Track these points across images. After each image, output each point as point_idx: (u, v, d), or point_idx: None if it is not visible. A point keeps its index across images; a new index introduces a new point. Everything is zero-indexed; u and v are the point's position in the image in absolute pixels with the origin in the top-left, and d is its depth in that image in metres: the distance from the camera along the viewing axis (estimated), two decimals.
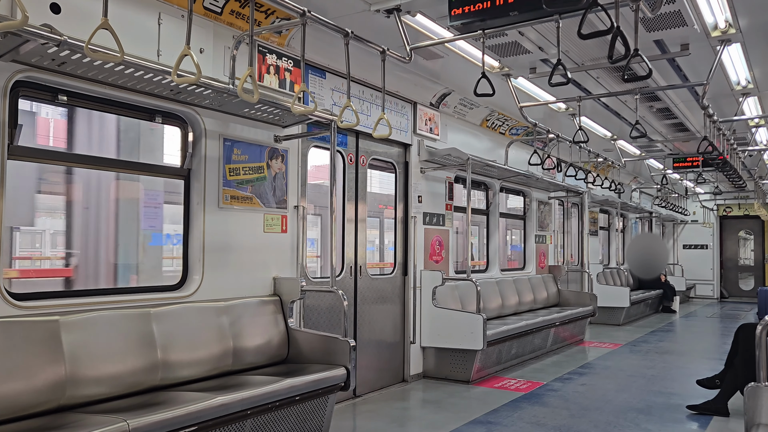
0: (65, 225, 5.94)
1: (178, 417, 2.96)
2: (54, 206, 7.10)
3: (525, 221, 9.10)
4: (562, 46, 5.03)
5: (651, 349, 8.30)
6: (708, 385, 5.37)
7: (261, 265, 4.48)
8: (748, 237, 17.11)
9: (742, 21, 4.72)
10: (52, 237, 8.29)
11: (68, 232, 5.75)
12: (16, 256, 6.72)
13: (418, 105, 6.26)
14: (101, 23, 2.64)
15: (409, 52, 4.43)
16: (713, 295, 16.55)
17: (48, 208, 7.28)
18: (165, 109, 3.92)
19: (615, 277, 12.03)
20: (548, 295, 8.89)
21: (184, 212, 4.13)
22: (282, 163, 4.68)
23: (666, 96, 7.13)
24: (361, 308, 5.59)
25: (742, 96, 6.64)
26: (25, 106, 3.87)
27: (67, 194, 5.47)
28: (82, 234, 5.37)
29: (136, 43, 3.54)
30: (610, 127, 8.55)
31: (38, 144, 5.21)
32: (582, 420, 4.79)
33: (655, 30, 4.90)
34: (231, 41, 4.11)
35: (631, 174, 12.68)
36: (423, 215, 6.36)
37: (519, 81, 6.15)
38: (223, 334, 3.98)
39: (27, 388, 2.94)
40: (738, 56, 5.49)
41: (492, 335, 6.08)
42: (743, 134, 8.93)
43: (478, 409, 5.09)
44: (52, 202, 6.83)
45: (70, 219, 5.52)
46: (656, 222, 15.38)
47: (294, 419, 3.78)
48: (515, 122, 7.94)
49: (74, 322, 3.22)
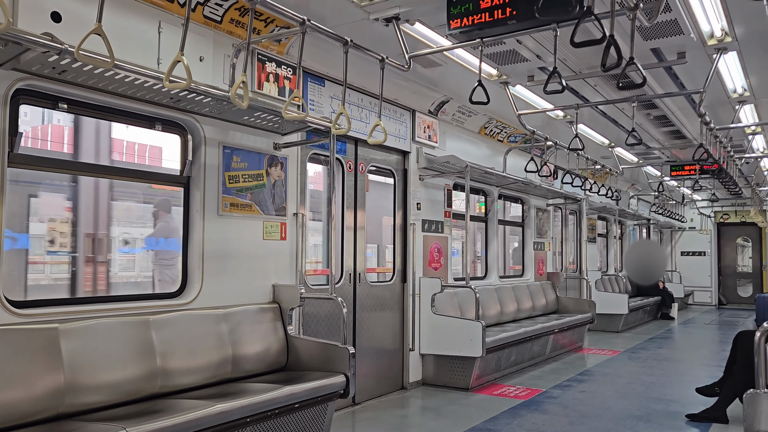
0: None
1: (177, 425, 2.96)
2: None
3: (523, 228, 9.12)
4: (560, 54, 5.07)
5: (650, 356, 8.30)
6: (707, 392, 5.37)
7: (260, 273, 4.49)
8: (746, 244, 17.14)
9: (738, 29, 4.76)
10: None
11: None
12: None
13: (416, 112, 6.29)
14: (94, 28, 2.64)
15: (408, 60, 4.45)
16: (711, 302, 16.55)
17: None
18: (165, 116, 3.94)
19: (613, 284, 12.03)
20: (547, 302, 8.90)
21: (183, 219, 4.14)
22: (281, 170, 4.69)
23: (663, 104, 7.17)
24: (360, 315, 5.59)
25: (739, 104, 6.68)
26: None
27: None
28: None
29: (137, 51, 3.56)
30: (608, 134, 8.59)
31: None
32: (581, 427, 4.79)
33: (651, 38, 4.93)
34: (231, 49, 4.14)
35: (628, 181, 12.71)
36: (422, 222, 6.37)
37: (517, 89, 6.18)
38: (223, 342, 3.97)
39: (26, 395, 2.93)
40: (734, 64, 5.52)
41: (491, 342, 6.08)
42: (740, 141, 8.97)
43: (477, 416, 5.08)
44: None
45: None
46: (654, 229, 15.41)
47: (293, 427, 3.78)
48: (513, 130, 7.97)
49: (73, 330, 3.22)
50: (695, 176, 10.17)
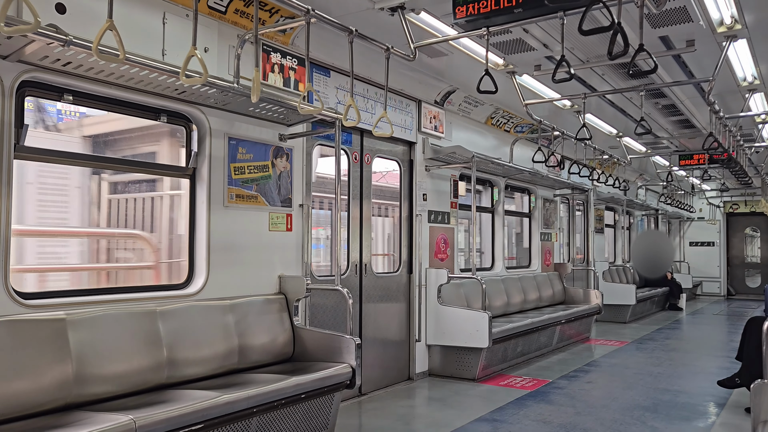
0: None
1: (184, 415, 2.98)
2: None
3: (530, 219, 9.08)
4: (567, 43, 5.02)
5: (657, 346, 8.27)
6: (729, 385, 5.35)
7: (266, 264, 4.49)
8: (754, 234, 17.02)
9: (748, 17, 4.69)
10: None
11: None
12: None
13: (422, 103, 6.26)
14: (107, 25, 2.64)
15: (414, 49, 4.42)
16: (720, 293, 16.47)
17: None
18: (170, 108, 3.93)
19: (621, 275, 11.99)
20: (554, 293, 8.88)
21: (189, 211, 4.14)
22: (287, 161, 4.69)
23: (671, 92, 7.10)
24: (366, 306, 5.60)
25: (749, 92, 6.60)
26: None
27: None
28: None
29: (141, 42, 3.55)
30: (616, 124, 8.52)
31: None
32: (588, 418, 4.79)
33: (660, 26, 4.87)
34: (235, 40, 4.12)
35: (636, 171, 12.63)
36: (428, 213, 6.35)
37: (524, 78, 6.13)
38: (229, 333, 3.99)
39: (35, 386, 2.95)
40: (744, 52, 5.45)
41: (497, 333, 6.08)
42: (750, 130, 8.88)
43: (483, 407, 5.08)
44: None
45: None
46: (662, 219, 15.32)
47: (300, 417, 3.79)
48: (520, 120, 7.93)
49: (81, 321, 3.24)
50: (704, 166, 10.09)
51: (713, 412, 5.03)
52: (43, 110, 4.52)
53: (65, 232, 5.22)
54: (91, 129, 4.97)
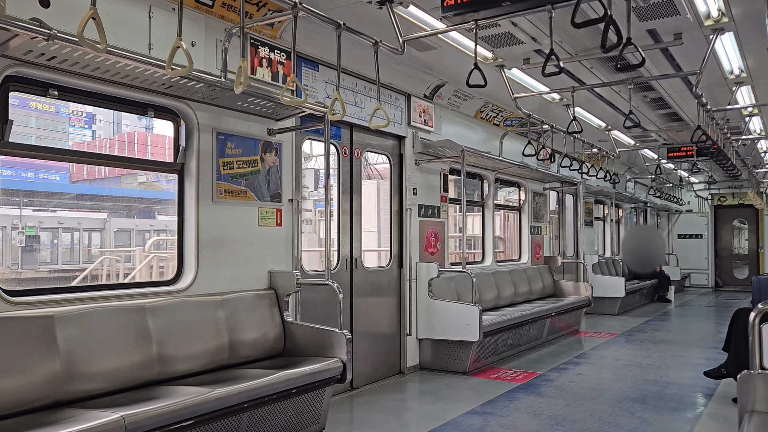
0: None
1: (174, 411, 2.97)
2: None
3: (520, 212, 9.11)
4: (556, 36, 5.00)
5: (646, 338, 8.34)
6: (716, 375, 5.40)
7: (256, 259, 4.48)
8: (742, 226, 17.18)
9: (735, 10, 4.71)
10: None
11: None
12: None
13: (411, 97, 6.25)
14: (90, 12, 2.60)
15: (402, 43, 4.41)
16: (708, 284, 16.63)
17: None
18: (157, 103, 3.90)
19: (610, 267, 12.07)
20: (544, 286, 8.92)
21: (177, 206, 4.12)
22: (276, 156, 4.67)
23: (659, 85, 7.13)
24: (357, 301, 5.60)
25: (736, 85, 6.65)
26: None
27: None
28: None
29: (127, 37, 3.52)
30: (604, 117, 8.55)
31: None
32: (578, 409, 4.82)
33: (647, 19, 4.89)
34: (223, 34, 4.09)
35: (625, 164, 12.70)
36: (418, 207, 6.36)
37: (513, 72, 6.14)
38: (219, 328, 3.98)
39: (23, 383, 2.93)
40: (731, 45, 5.49)
41: (488, 326, 6.10)
42: (737, 123, 8.94)
43: (474, 399, 5.11)
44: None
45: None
46: (651, 212, 15.42)
47: (291, 412, 3.79)
48: (509, 113, 7.94)
49: (69, 318, 3.21)
50: (692, 158, 10.16)
51: (701, 402, 5.09)
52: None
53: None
54: None
